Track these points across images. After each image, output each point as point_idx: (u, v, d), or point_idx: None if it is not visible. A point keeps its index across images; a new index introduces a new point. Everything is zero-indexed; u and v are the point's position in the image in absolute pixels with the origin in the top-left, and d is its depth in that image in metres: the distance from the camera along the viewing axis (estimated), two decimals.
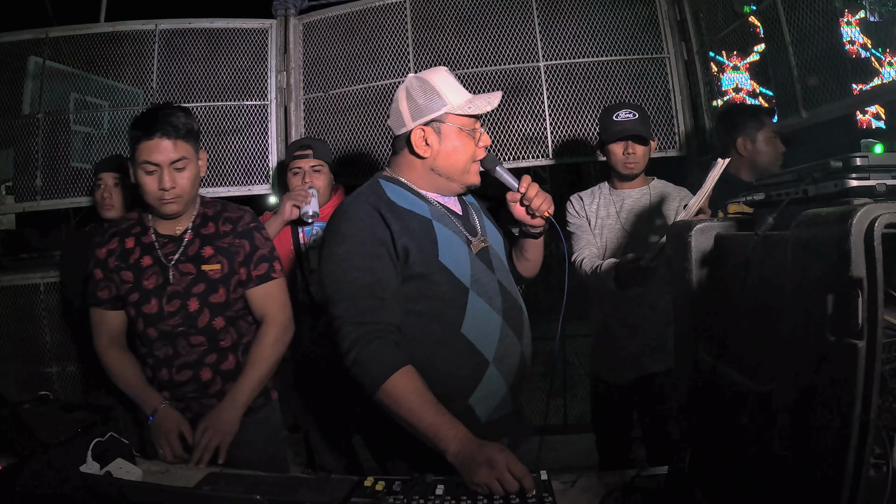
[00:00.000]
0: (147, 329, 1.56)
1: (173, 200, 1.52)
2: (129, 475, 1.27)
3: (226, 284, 1.59)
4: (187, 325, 1.56)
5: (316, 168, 2.24)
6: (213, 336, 1.58)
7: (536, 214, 1.43)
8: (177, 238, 1.60)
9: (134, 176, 1.53)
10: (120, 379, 1.58)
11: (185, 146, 1.51)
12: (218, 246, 1.60)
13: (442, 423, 1.16)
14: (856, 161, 0.75)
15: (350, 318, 1.25)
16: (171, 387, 1.57)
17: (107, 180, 2.33)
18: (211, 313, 1.57)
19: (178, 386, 1.57)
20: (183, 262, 1.57)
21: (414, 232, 1.33)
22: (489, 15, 2.98)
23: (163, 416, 1.48)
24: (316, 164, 2.25)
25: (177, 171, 1.50)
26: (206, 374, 1.58)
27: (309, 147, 2.27)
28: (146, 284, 1.55)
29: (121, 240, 1.60)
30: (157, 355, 1.57)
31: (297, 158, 2.27)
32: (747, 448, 0.81)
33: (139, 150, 1.49)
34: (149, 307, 1.55)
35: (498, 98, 1.40)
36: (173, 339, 1.56)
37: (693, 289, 0.95)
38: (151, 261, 1.57)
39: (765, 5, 2.52)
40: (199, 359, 1.57)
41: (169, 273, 1.56)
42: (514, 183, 1.44)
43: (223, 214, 1.65)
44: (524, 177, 1.44)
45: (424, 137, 1.37)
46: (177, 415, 1.49)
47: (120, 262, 1.57)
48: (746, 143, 2.25)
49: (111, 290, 1.59)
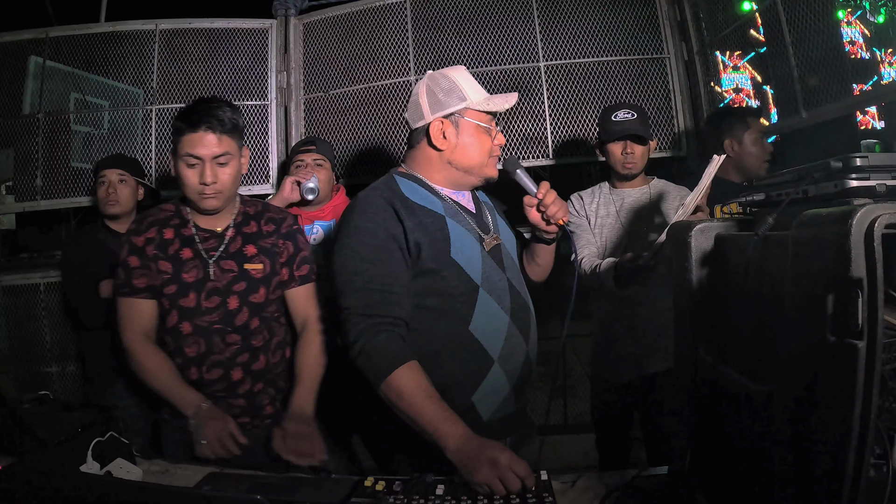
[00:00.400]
0: (181, 323, 1.52)
1: (213, 196, 1.49)
2: (129, 475, 1.27)
3: (266, 284, 1.58)
4: (224, 322, 1.53)
5: (318, 161, 2.24)
6: (248, 335, 1.56)
7: (551, 221, 1.43)
8: (218, 234, 1.57)
9: (175, 168, 1.50)
10: (152, 376, 1.50)
11: (229, 141, 1.48)
12: (261, 245, 1.59)
13: (443, 420, 1.16)
14: (856, 161, 0.75)
15: (359, 310, 1.25)
16: (199, 385, 1.52)
17: (110, 176, 2.32)
18: (249, 312, 1.56)
19: (206, 385, 1.53)
20: (224, 259, 1.55)
21: (427, 228, 1.33)
22: (489, 15, 2.98)
23: (210, 414, 1.41)
24: (318, 157, 2.24)
25: (219, 165, 1.48)
26: (237, 373, 1.55)
27: (312, 143, 2.29)
28: (186, 277, 1.52)
29: (159, 229, 1.55)
30: (188, 353, 1.52)
31: (300, 153, 2.27)
32: (747, 448, 0.81)
33: (182, 142, 1.46)
34: (186, 301, 1.52)
35: (514, 98, 1.42)
36: (208, 336, 1.52)
37: (693, 289, 0.95)
38: (192, 254, 1.54)
39: (765, 5, 2.52)
40: (232, 357, 1.54)
41: (209, 269, 1.53)
42: (533, 187, 1.44)
43: (265, 214, 1.64)
44: (543, 183, 1.44)
45: (443, 130, 1.38)
46: (224, 413, 1.44)
47: (158, 252, 1.53)
48: (733, 144, 2.28)
49: (148, 279, 1.53)
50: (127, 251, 1.55)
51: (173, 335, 1.54)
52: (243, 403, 1.56)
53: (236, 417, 1.55)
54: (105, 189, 2.31)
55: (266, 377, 1.60)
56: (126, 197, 2.34)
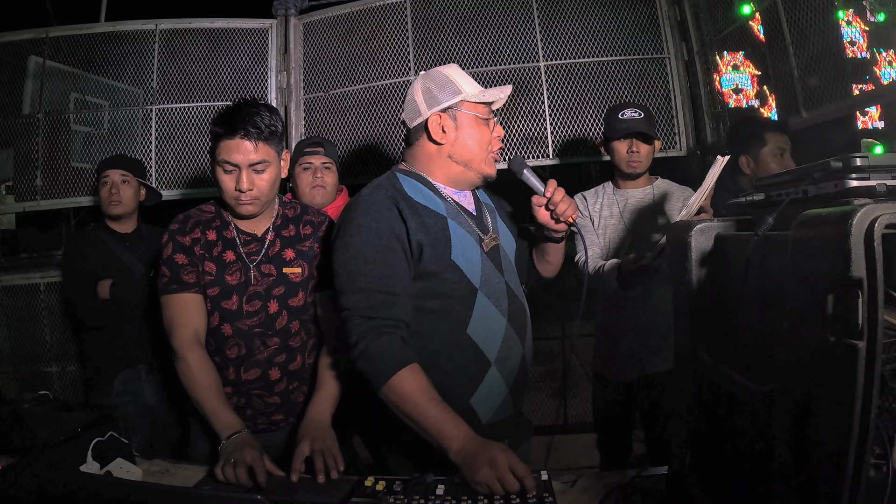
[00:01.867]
0: (222, 325, 1.51)
1: (250, 202, 1.47)
2: (129, 475, 1.27)
3: (304, 288, 1.57)
4: (265, 326, 1.53)
5: (326, 165, 2.24)
6: (287, 337, 1.56)
7: (561, 220, 1.42)
8: (259, 238, 1.56)
9: (212, 171, 1.49)
10: (197, 386, 1.42)
11: (266, 149, 1.45)
12: (299, 249, 1.58)
13: (446, 422, 1.17)
14: (856, 161, 0.75)
15: (361, 311, 1.25)
16: (237, 384, 1.52)
17: (113, 177, 2.32)
18: (289, 316, 1.55)
19: (243, 384, 1.53)
20: (264, 263, 1.55)
21: (429, 229, 1.33)
22: (489, 15, 2.99)
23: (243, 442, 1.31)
24: (327, 161, 2.24)
25: (256, 173, 1.45)
26: (275, 373, 1.54)
27: (320, 145, 2.27)
28: (229, 280, 1.51)
29: (203, 230, 1.54)
30: (228, 354, 1.52)
31: (307, 154, 2.25)
32: (747, 448, 0.81)
33: (220, 147, 1.44)
34: (229, 303, 1.51)
35: (509, 90, 1.41)
36: (249, 339, 1.52)
37: (693, 289, 0.95)
38: (234, 257, 1.53)
39: (765, 5, 2.52)
40: (270, 358, 1.54)
41: (250, 272, 1.53)
42: (541, 187, 1.42)
43: (304, 217, 1.63)
44: (550, 181, 1.42)
45: (441, 125, 1.37)
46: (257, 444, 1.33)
47: (205, 252, 1.52)
48: (750, 162, 2.15)
49: (198, 276, 1.50)
50: (172, 249, 1.51)
51: (215, 336, 1.53)
52: (278, 401, 1.56)
53: (270, 414, 1.56)
54: (108, 189, 2.31)
55: (302, 376, 1.60)
56: (129, 197, 2.34)
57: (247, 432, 1.35)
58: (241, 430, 1.34)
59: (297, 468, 1.24)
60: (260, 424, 1.56)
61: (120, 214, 2.34)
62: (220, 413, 1.38)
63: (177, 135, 3.05)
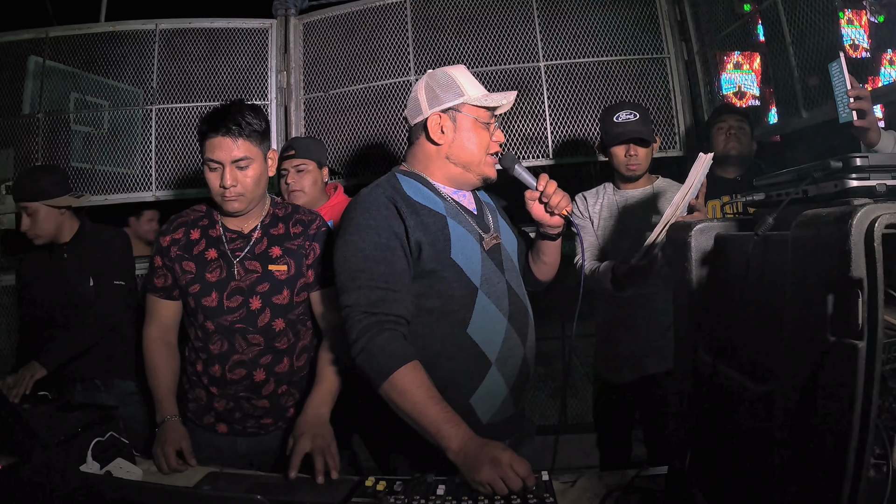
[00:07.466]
0: (206, 321, 1.56)
1: (235, 199, 1.51)
2: (129, 475, 1.28)
3: (290, 286, 1.58)
4: (246, 322, 1.55)
5: (299, 168, 2.15)
6: (271, 337, 1.57)
7: (555, 212, 1.42)
8: (245, 235, 1.59)
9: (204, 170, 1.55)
10: (152, 375, 1.58)
11: (247, 145, 1.50)
12: (287, 247, 1.60)
13: (446, 420, 1.16)
14: (856, 161, 0.75)
15: (361, 308, 1.25)
16: (223, 384, 1.56)
17: (25, 209, 2.06)
18: (272, 314, 1.56)
19: (230, 384, 1.55)
20: (249, 260, 1.57)
21: (428, 228, 1.33)
22: (489, 15, 2.99)
23: (169, 427, 1.45)
24: (299, 163, 2.15)
25: (239, 169, 1.50)
26: (260, 374, 1.56)
27: (291, 147, 2.20)
28: (209, 277, 1.55)
29: (186, 230, 1.60)
30: (212, 349, 1.55)
31: (283, 160, 2.18)
32: (747, 448, 0.81)
33: (205, 146, 1.50)
34: (208, 300, 1.54)
35: (513, 96, 1.41)
36: (230, 335, 1.54)
37: (693, 289, 0.95)
38: (217, 254, 1.57)
39: (765, 5, 2.52)
40: (255, 359, 1.56)
41: (234, 269, 1.56)
42: (533, 181, 1.43)
43: (294, 216, 1.65)
44: (542, 175, 1.43)
45: (440, 125, 1.38)
46: (182, 430, 1.47)
47: (183, 253, 1.57)
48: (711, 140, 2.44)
49: (166, 280, 1.59)
50: (154, 249, 1.62)
51: (202, 331, 1.57)
52: (267, 405, 1.57)
53: (259, 418, 1.58)
54: (25, 222, 2.09)
55: (290, 380, 1.60)
56: (45, 226, 2.10)
57: (174, 419, 1.49)
58: (168, 417, 1.49)
59: (295, 465, 1.25)
60: (249, 428, 1.58)
61: (45, 242, 2.15)
62: (164, 399, 1.53)
63: (177, 135, 3.05)
